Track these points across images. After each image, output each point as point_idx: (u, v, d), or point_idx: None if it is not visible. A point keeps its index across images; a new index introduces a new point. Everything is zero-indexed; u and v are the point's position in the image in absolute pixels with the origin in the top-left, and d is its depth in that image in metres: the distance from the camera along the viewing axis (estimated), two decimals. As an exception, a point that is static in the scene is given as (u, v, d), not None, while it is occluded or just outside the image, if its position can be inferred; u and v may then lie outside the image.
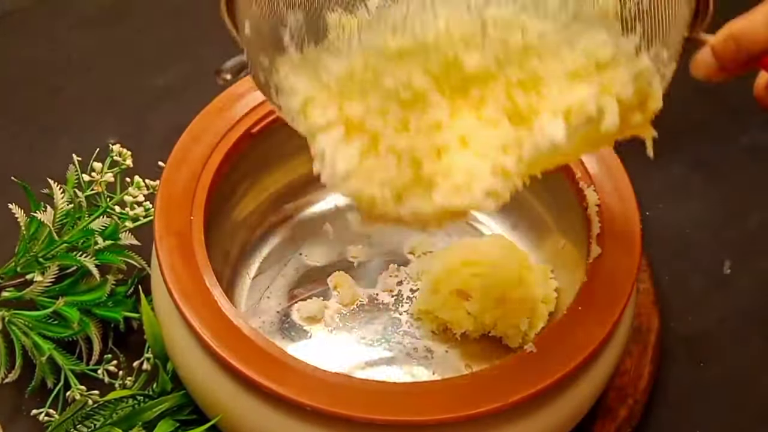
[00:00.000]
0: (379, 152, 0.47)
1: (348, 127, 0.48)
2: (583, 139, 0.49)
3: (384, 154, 0.47)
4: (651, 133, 0.51)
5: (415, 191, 0.47)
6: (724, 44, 0.50)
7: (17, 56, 0.91)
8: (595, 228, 0.62)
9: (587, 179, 0.64)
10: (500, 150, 0.46)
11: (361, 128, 0.47)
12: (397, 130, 0.47)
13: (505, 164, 0.46)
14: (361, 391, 0.54)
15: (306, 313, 0.70)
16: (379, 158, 0.47)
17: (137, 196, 0.72)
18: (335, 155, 0.47)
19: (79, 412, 0.63)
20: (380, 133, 0.47)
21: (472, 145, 0.46)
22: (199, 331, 0.56)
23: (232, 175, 0.67)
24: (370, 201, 0.47)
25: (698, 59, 0.51)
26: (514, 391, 0.54)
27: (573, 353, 0.55)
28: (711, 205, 0.82)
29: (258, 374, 0.54)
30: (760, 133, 0.86)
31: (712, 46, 0.50)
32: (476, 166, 0.46)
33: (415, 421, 0.53)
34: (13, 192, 0.72)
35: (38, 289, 0.67)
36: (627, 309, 0.59)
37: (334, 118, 0.48)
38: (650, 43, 0.50)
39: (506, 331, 0.68)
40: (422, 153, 0.46)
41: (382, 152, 0.47)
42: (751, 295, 0.76)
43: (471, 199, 0.45)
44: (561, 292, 0.69)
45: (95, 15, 0.94)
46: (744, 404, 0.70)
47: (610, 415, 0.67)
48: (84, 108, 0.86)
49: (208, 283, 0.58)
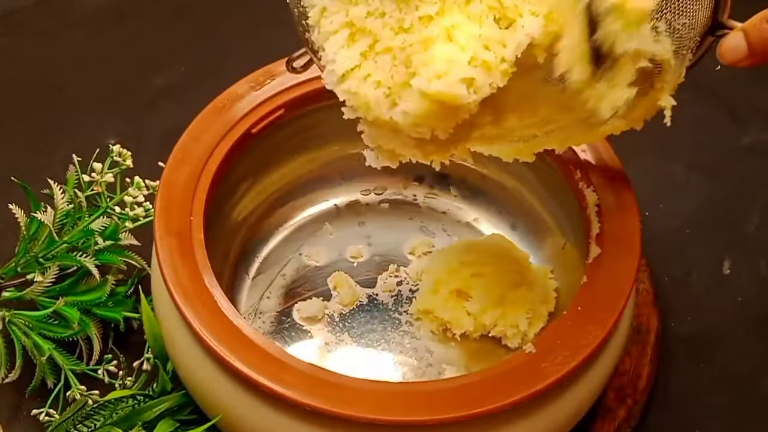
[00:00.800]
0: (376, 53, 0.51)
1: (352, 31, 0.52)
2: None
3: (380, 55, 0.51)
4: (670, 102, 0.52)
5: (407, 92, 0.50)
6: (760, 27, 0.49)
7: (17, 56, 0.91)
8: (595, 228, 0.62)
9: (587, 179, 0.64)
10: (482, 46, 0.49)
11: (363, 31, 0.51)
12: (393, 31, 0.51)
13: (485, 58, 0.49)
14: (361, 391, 0.54)
15: (306, 313, 0.70)
16: (376, 60, 0.51)
17: (137, 196, 0.72)
18: (336, 56, 0.52)
19: (79, 412, 0.63)
20: (378, 34, 0.51)
21: (456, 39, 0.50)
22: (199, 331, 0.56)
23: (232, 175, 0.68)
24: (365, 103, 0.51)
25: (726, 44, 0.51)
26: (514, 391, 0.54)
27: (573, 353, 0.55)
28: (711, 205, 0.82)
29: (258, 374, 0.54)
30: (760, 133, 0.86)
31: (745, 29, 0.50)
32: (456, 55, 0.49)
33: (415, 421, 0.53)
34: (13, 192, 0.72)
35: (38, 289, 0.67)
36: (627, 309, 0.59)
37: (339, 24, 0.52)
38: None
39: (506, 331, 0.68)
40: (413, 50, 0.50)
41: (378, 53, 0.51)
42: (750, 295, 0.76)
43: (446, 85, 0.49)
44: (561, 292, 0.69)
45: (95, 15, 0.94)
46: (744, 404, 0.70)
47: (610, 415, 0.67)
48: (84, 108, 0.87)
49: (208, 283, 0.58)
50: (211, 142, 0.65)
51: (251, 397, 0.56)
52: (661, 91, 0.52)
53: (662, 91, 0.52)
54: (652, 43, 0.50)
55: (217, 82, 0.68)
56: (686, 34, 0.51)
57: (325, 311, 0.70)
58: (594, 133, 0.58)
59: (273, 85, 0.68)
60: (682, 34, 0.51)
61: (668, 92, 0.53)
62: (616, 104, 0.51)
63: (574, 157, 0.65)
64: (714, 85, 0.88)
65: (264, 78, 0.68)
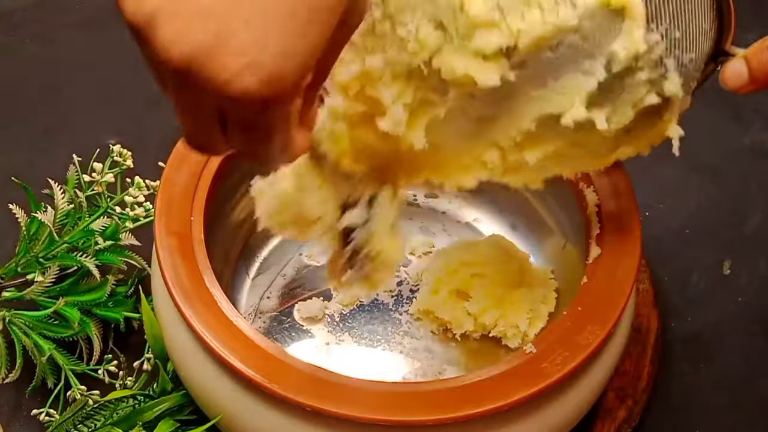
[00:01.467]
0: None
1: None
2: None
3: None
4: (677, 132, 0.53)
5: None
6: (760, 55, 0.51)
7: (17, 56, 0.91)
8: (595, 228, 0.62)
9: (587, 180, 0.64)
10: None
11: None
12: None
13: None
14: (361, 391, 0.54)
15: (306, 313, 0.70)
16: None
17: (137, 196, 0.72)
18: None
19: (79, 412, 0.63)
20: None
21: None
22: (199, 331, 0.56)
23: (232, 176, 0.67)
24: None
25: (729, 70, 0.52)
26: (514, 391, 0.54)
27: (573, 353, 0.55)
28: (711, 205, 0.82)
29: (258, 374, 0.54)
30: (761, 133, 0.86)
31: (746, 56, 0.51)
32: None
33: (414, 421, 0.53)
34: (13, 192, 0.72)
35: (39, 290, 0.67)
36: (627, 309, 0.59)
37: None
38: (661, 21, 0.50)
39: (506, 331, 0.68)
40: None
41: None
42: (750, 295, 0.76)
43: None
44: (561, 292, 0.69)
45: (95, 15, 0.94)
46: (744, 404, 0.70)
47: (610, 416, 0.67)
48: (84, 108, 0.87)
49: (208, 283, 0.58)
50: (211, 142, 0.65)
51: (251, 397, 0.56)
52: (668, 123, 0.53)
53: (670, 122, 0.53)
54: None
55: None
56: (693, 68, 0.52)
57: (325, 311, 0.70)
58: (601, 161, 0.58)
59: (273, 85, 0.68)
60: (689, 68, 0.52)
61: (675, 122, 0.54)
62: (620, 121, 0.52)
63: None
64: (715, 85, 0.88)
65: (264, 78, 0.68)
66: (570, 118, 0.50)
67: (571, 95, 0.50)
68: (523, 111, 0.52)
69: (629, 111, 0.51)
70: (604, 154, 0.57)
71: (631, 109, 0.51)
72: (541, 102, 0.51)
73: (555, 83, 0.50)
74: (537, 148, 0.54)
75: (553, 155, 0.54)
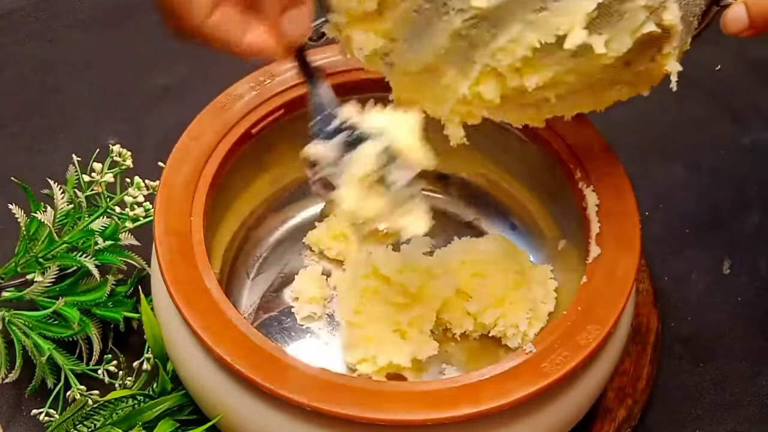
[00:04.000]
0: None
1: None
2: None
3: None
4: (676, 67, 0.54)
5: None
6: (759, 0, 0.53)
7: (17, 56, 0.91)
8: (595, 228, 0.62)
9: (587, 179, 0.64)
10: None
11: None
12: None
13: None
14: (361, 391, 0.54)
15: (306, 313, 0.70)
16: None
17: (137, 196, 0.72)
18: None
19: (79, 412, 0.63)
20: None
21: None
22: (199, 331, 0.56)
23: (232, 175, 0.67)
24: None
25: (729, 15, 0.54)
26: (514, 390, 0.54)
27: (573, 353, 0.55)
28: (711, 206, 0.82)
29: (258, 374, 0.54)
30: (761, 133, 0.86)
31: (746, 1, 0.53)
32: None
33: (414, 421, 0.53)
34: (13, 192, 0.72)
35: (38, 290, 0.67)
36: (626, 309, 0.59)
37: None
38: None
39: (506, 331, 0.67)
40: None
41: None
42: (750, 295, 0.76)
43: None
44: (561, 292, 0.69)
45: (95, 15, 0.94)
46: (743, 404, 0.70)
47: (609, 416, 0.67)
48: (84, 108, 0.87)
49: (208, 283, 0.58)
50: (210, 142, 0.65)
51: (251, 397, 0.56)
52: (667, 57, 0.54)
53: (669, 56, 0.54)
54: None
55: (217, 82, 0.68)
56: (693, 3, 0.53)
57: (325, 311, 0.70)
58: (601, 98, 0.59)
59: (273, 85, 0.68)
60: (689, 1, 0.53)
61: (674, 58, 0.54)
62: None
63: (574, 157, 0.65)
64: (714, 85, 0.88)
65: (264, 78, 0.68)
66: (570, 41, 0.51)
67: (570, 17, 0.51)
68: (523, 34, 0.52)
69: (627, 39, 0.52)
70: (605, 87, 0.57)
71: (629, 37, 0.52)
72: (540, 25, 0.52)
73: (554, 4, 0.51)
74: (536, 74, 0.54)
75: (552, 84, 0.55)
